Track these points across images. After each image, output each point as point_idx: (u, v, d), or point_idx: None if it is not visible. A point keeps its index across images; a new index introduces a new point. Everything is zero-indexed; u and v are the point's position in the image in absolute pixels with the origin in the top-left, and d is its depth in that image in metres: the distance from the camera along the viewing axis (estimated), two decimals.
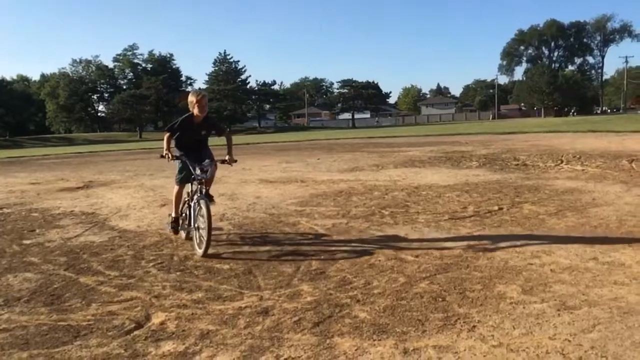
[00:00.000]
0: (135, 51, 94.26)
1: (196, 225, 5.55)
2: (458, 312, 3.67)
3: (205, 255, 5.33)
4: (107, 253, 5.78)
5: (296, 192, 9.81)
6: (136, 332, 3.54)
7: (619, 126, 30.72)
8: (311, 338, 3.31)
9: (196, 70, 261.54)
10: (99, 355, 3.20)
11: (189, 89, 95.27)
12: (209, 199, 5.58)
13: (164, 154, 5.67)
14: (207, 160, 5.74)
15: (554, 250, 5.10)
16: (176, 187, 6.15)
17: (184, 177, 5.99)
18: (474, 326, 3.40)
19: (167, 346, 3.29)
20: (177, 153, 5.89)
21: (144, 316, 3.82)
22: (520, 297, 3.90)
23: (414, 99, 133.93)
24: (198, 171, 5.57)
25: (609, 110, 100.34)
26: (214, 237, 6.38)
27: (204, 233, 5.35)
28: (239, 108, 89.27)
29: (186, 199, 6.08)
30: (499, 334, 3.25)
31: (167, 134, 5.84)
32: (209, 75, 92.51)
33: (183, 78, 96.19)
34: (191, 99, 5.76)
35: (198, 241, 5.53)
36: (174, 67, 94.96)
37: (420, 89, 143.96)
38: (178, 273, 4.90)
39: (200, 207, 5.46)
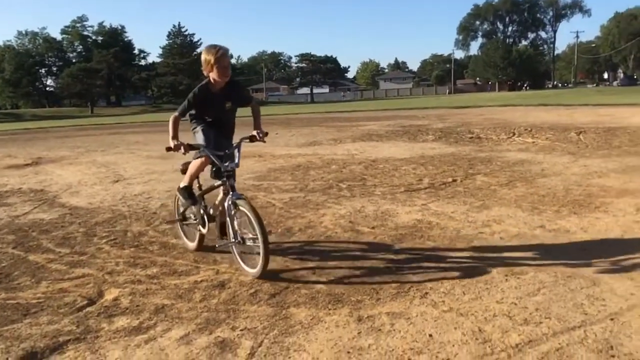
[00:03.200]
0: (84, 23, 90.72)
1: (241, 237, 3.98)
2: (412, 280, 3.75)
3: (263, 274, 3.83)
4: (57, 230, 5.62)
5: (254, 167, 9.74)
6: (88, 309, 3.48)
7: (569, 100, 31.69)
8: (267, 309, 3.33)
9: (149, 43, 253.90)
10: (50, 333, 3.14)
11: (142, 62, 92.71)
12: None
13: (172, 145, 3.94)
14: (234, 146, 4.26)
15: (504, 219, 5.26)
16: (199, 160, 4.24)
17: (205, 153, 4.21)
18: (427, 293, 3.49)
19: (121, 322, 3.25)
20: (199, 130, 4.29)
21: (96, 293, 3.76)
22: (470, 263, 4.02)
23: (372, 74, 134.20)
24: (226, 162, 4.07)
25: (560, 85, 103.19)
26: (167, 213, 6.30)
27: (255, 244, 3.83)
28: (196, 82, 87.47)
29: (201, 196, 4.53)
30: (450, 300, 3.35)
31: (175, 116, 4.13)
32: (163, 48, 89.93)
33: (136, 51, 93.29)
34: (206, 57, 4.02)
35: (242, 257, 4.06)
36: (125, 39, 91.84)
37: (379, 63, 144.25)
38: (132, 249, 4.82)
39: (242, 211, 3.90)
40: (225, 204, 4.00)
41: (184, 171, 4.47)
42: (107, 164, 11.38)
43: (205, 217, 4.42)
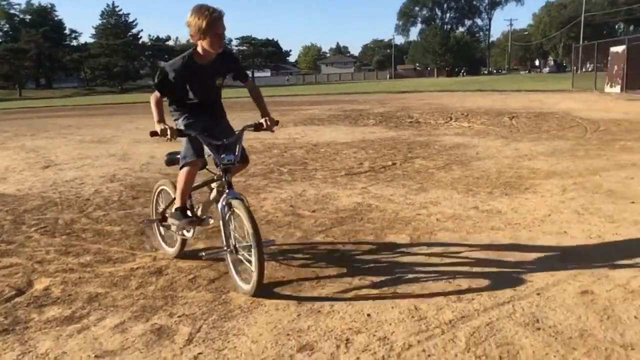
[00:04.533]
0: (10, 0, 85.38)
1: (234, 245, 3.36)
2: (351, 262, 3.81)
3: (257, 292, 3.20)
4: None
5: None
6: (17, 299, 3.32)
7: (503, 86, 32.85)
8: (206, 295, 3.29)
9: (82, 23, 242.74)
10: None
11: (74, 43, 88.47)
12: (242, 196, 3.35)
13: (158, 130, 3.29)
14: (235, 135, 3.54)
15: (440, 201, 5.41)
16: (187, 168, 3.55)
17: (201, 149, 3.52)
18: (365, 274, 3.54)
19: (52, 311, 3.12)
20: (181, 125, 3.58)
21: (25, 283, 3.59)
22: (408, 245, 4.12)
23: (314, 58, 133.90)
24: (222, 153, 3.38)
25: (494, 71, 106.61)
26: (102, 200, 6.09)
27: (250, 256, 3.16)
28: (131, 64, 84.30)
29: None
30: (387, 280, 3.42)
31: (156, 95, 3.45)
32: (96, 28, 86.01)
33: (67, 31, 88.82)
34: (196, 20, 3.23)
35: (235, 269, 3.38)
36: (56, 19, 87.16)
37: (320, 47, 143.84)
38: (64, 237, 4.63)
39: (237, 214, 3.26)
40: (219, 205, 3.37)
41: (169, 162, 3.79)
42: (36, 149, 10.84)
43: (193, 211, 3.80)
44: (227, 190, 3.36)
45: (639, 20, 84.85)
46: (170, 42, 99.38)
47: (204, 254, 3.64)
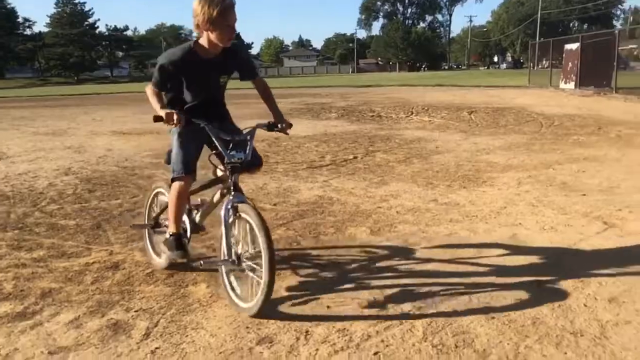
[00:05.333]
0: None
1: (237, 254, 2.92)
2: (311, 254, 3.82)
3: (262, 309, 2.78)
4: None
5: (152, 144, 9.39)
6: None
7: (462, 81, 33.46)
8: (164, 289, 3.25)
9: (36, 11, 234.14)
10: None
11: (28, 32, 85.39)
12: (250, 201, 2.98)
13: (163, 115, 2.85)
14: (245, 132, 3.12)
15: (401, 194, 5.48)
16: (177, 184, 3.12)
17: (192, 162, 3.13)
18: (325, 265, 3.57)
19: (3, 308, 3.02)
20: (175, 132, 3.17)
21: None
22: (368, 237, 4.16)
23: (276, 51, 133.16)
24: (233, 150, 2.96)
25: (454, 66, 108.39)
26: (56, 193, 5.92)
27: (255, 266, 2.83)
28: (88, 55, 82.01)
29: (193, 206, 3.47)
30: (348, 272, 3.44)
31: (152, 89, 3.01)
32: (50, 17, 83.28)
33: (20, 19, 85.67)
34: (205, 8, 2.82)
35: (231, 283, 3.03)
36: (8, 6, 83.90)
37: (283, 40, 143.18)
38: (16, 231, 4.48)
39: (243, 219, 2.90)
40: (222, 210, 2.93)
41: (169, 161, 3.24)
42: None
43: (189, 226, 3.39)
44: (232, 193, 2.96)
45: (592, 19, 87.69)
46: (129, 32, 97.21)
47: (201, 262, 3.20)
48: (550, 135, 9.55)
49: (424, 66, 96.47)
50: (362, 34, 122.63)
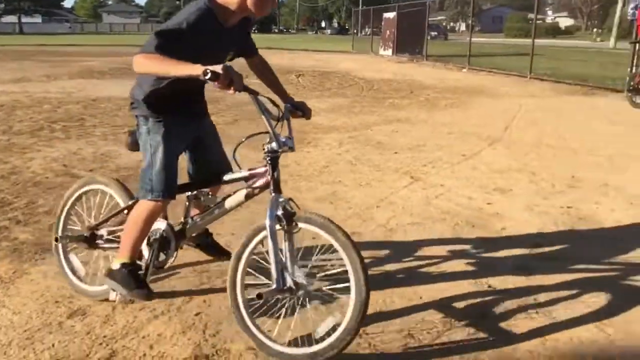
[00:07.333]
0: None
1: (292, 281, 2.10)
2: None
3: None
4: None
5: None
6: None
7: (292, 44, 34.00)
8: None
9: None
10: None
11: None
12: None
13: (220, 70, 1.83)
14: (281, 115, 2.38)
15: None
16: (152, 204, 2.29)
17: (173, 185, 2.35)
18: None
19: None
20: (153, 124, 2.33)
21: None
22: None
23: (93, 5, 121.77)
24: (282, 137, 2.25)
25: (284, 30, 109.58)
26: None
27: (333, 291, 2.24)
28: None
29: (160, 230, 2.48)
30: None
31: (159, 55, 1.97)
32: None
33: None
34: None
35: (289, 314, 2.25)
36: None
37: None
38: None
39: (311, 231, 2.14)
40: (267, 220, 2.10)
41: (134, 145, 2.44)
42: None
43: (172, 236, 2.47)
44: (273, 194, 2.18)
45: None
46: None
47: (260, 294, 2.04)
48: (369, 98, 10.19)
49: (254, 29, 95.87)
50: None
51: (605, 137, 6.66)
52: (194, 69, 1.85)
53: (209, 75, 1.81)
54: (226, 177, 2.41)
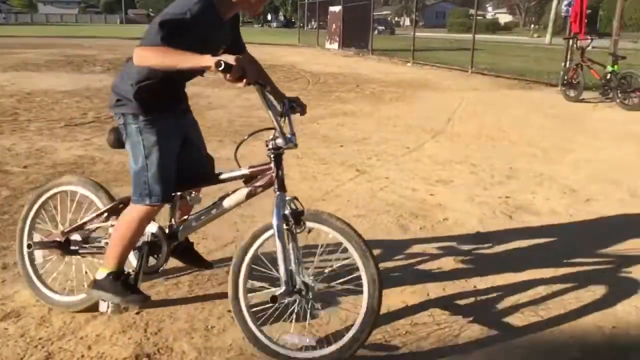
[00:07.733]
0: None
1: (302, 282, 2.08)
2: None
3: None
4: None
5: None
6: None
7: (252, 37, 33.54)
8: None
9: None
10: None
11: None
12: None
13: (232, 61, 1.77)
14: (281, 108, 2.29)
15: None
16: (145, 209, 2.15)
17: (169, 188, 2.22)
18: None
19: None
20: (142, 122, 2.16)
21: None
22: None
23: None
24: (288, 132, 2.19)
25: None
26: None
27: (344, 291, 2.20)
28: None
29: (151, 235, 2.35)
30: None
31: (162, 47, 1.90)
32: None
33: None
34: None
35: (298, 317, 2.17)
36: None
37: None
38: None
39: (320, 230, 2.12)
40: (275, 219, 2.04)
41: (116, 142, 2.28)
42: None
43: (163, 239, 2.35)
44: (279, 193, 2.11)
45: None
46: None
47: (276, 296, 2.03)
48: (315, 92, 10.21)
49: None
50: None
51: (542, 129, 6.94)
52: (204, 60, 1.79)
53: (222, 67, 1.73)
54: (224, 176, 2.29)
